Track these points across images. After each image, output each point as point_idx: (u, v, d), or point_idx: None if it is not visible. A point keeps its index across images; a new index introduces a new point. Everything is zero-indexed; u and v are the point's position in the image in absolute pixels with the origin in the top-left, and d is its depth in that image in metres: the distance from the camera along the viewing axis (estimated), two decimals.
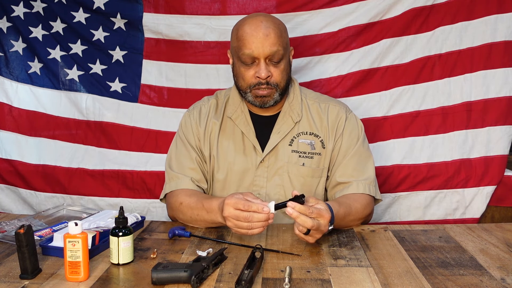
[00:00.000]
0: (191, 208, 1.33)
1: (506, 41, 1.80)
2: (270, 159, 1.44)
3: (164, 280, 0.97)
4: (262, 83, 1.36)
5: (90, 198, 1.96)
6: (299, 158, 1.44)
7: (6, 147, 1.97)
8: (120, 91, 1.98)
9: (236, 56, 1.39)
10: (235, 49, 1.38)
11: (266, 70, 1.34)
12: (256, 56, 1.33)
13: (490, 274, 1.03)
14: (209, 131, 1.48)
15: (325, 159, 1.46)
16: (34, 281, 1.00)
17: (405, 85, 1.88)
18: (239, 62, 1.38)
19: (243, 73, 1.38)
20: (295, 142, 1.45)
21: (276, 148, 1.45)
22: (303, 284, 0.97)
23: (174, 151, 1.50)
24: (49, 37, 1.96)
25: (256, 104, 1.41)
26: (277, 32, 1.34)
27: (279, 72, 1.37)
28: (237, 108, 1.48)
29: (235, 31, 1.40)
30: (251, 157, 1.45)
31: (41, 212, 1.49)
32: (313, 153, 1.45)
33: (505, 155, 1.85)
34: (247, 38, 1.33)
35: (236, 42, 1.37)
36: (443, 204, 1.88)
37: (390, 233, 1.30)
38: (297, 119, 1.45)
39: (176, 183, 1.43)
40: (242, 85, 1.40)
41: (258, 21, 1.34)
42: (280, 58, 1.35)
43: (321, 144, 1.45)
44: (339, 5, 1.87)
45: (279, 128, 1.45)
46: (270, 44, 1.32)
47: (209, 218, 1.29)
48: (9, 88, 1.97)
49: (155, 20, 1.92)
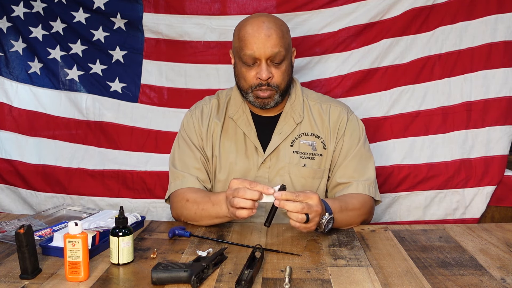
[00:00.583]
0: (197, 203, 1.33)
1: (506, 41, 1.80)
2: (272, 160, 1.45)
3: (164, 280, 0.97)
4: (263, 84, 1.36)
5: (90, 198, 1.96)
6: (300, 159, 1.44)
7: (6, 147, 1.97)
8: (120, 91, 1.98)
9: (237, 56, 1.39)
10: (237, 49, 1.38)
11: (267, 71, 1.34)
12: (257, 57, 1.33)
13: (490, 274, 1.03)
14: (211, 131, 1.48)
15: (326, 160, 1.46)
16: (34, 281, 1.00)
17: (405, 85, 1.88)
18: (241, 63, 1.38)
19: (244, 74, 1.38)
20: (297, 143, 1.45)
21: (277, 149, 1.45)
22: (303, 284, 0.97)
23: (177, 151, 1.50)
24: (49, 37, 1.96)
25: (257, 105, 1.41)
26: (279, 33, 1.34)
27: (280, 74, 1.37)
28: (238, 109, 1.48)
29: (237, 31, 1.39)
30: (253, 157, 1.45)
31: (41, 212, 1.49)
32: (315, 154, 1.45)
33: (505, 155, 1.85)
34: (249, 38, 1.33)
35: (237, 42, 1.37)
36: (443, 204, 1.88)
37: (390, 233, 1.30)
38: (298, 120, 1.45)
39: (181, 182, 1.42)
40: (243, 86, 1.40)
41: (260, 22, 1.34)
42: (281, 59, 1.35)
43: (322, 145, 1.46)
44: (339, 5, 1.87)
45: (281, 129, 1.45)
46: (272, 45, 1.32)
47: (214, 211, 1.29)
48: (9, 88, 1.97)
49: (155, 20, 1.92)
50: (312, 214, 1.15)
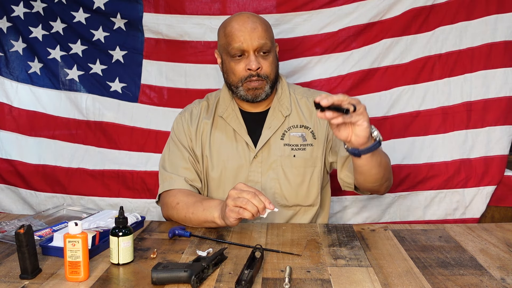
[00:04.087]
0: (188, 206, 1.34)
1: (506, 41, 1.80)
2: (263, 154, 1.46)
3: (164, 280, 0.97)
4: (253, 75, 1.40)
5: (90, 198, 1.97)
6: (291, 151, 1.46)
7: (6, 147, 1.97)
8: (120, 91, 1.98)
9: (225, 52, 1.43)
10: (224, 46, 1.42)
11: (256, 62, 1.38)
12: (245, 49, 1.38)
13: (490, 274, 1.03)
14: (201, 131, 1.51)
15: (318, 148, 1.47)
16: (34, 281, 1.00)
17: (405, 85, 1.88)
18: (229, 58, 1.42)
19: (233, 68, 1.41)
20: (287, 136, 1.47)
21: (268, 143, 1.47)
22: (303, 284, 0.97)
23: (167, 153, 1.53)
24: (49, 37, 1.96)
25: (248, 97, 1.44)
26: (263, 26, 1.41)
27: (269, 64, 1.41)
28: (227, 107, 1.51)
29: (222, 29, 1.45)
30: (244, 153, 1.47)
31: (41, 212, 1.49)
32: (305, 144, 1.47)
33: (505, 155, 1.85)
34: (236, 32, 1.38)
35: (224, 39, 1.42)
36: (443, 204, 1.88)
37: (390, 233, 1.30)
38: (286, 113, 1.48)
39: (169, 183, 1.44)
40: (233, 80, 1.43)
41: (245, 17, 1.41)
42: (268, 49, 1.40)
43: (312, 135, 1.48)
44: (339, 5, 1.87)
45: (270, 123, 1.48)
46: (258, 36, 1.38)
47: (203, 215, 1.29)
48: (9, 88, 1.97)
49: (155, 20, 1.92)
50: (360, 107, 1.09)
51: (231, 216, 1.18)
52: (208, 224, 1.31)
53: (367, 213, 1.93)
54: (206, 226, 1.33)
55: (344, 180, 1.46)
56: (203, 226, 1.33)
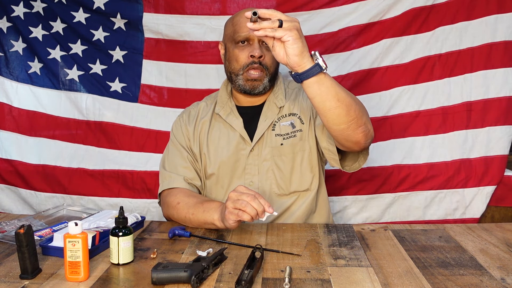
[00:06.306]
0: (188, 207, 1.35)
1: (506, 41, 1.80)
2: (259, 147, 1.48)
3: (164, 280, 0.97)
4: (255, 62, 1.41)
5: (90, 198, 1.96)
6: (283, 140, 1.48)
7: (6, 147, 1.97)
8: (120, 91, 1.98)
9: (230, 40, 1.46)
10: (230, 34, 1.45)
11: (260, 50, 1.41)
12: (251, 37, 1.41)
13: (490, 274, 1.03)
14: (199, 130, 1.53)
15: (306, 132, 1.47)
16: (34, 281, 1.00)
17: (405, 85, 1.88)
18: (233, 45, 1.44)
19: (237, 55, 1.44)
20: (277, 126, 1.48)
21: (263, 136, 1.48)
22: (303, 284, 0.97)
23: (167, 154, 1.55)
24: (49, 37, 1.96)
25: (246, 88, 1.45)
26: None
27: (271, 56, 1.43)
28: (224, 105, 1.53)
29: (231, 20, 1.49)
30: (241, 147, 1.48)
31: (41, 212, 1.49)
32: (295, 131, 1.48)
33: (505, 155, 1.85)
34: (243, 21, 1.41)
35: (232, 27, 1.45)
36: (443, 204, 1.88)
37: (390, 233, 1.30)
38: (281, 104, 1.50)
39: (168, 182, 1.46)
40: (235, 68, 1.45)
41: None
42: None
43: (299, 121, 1.49)
44: (339, 5, 1.87)
45: (266, 117, 1.49)
46: None
47: (203, 217, 1.30)
48: (9, 88, 1.97)
49: (155, 20, 1.92)
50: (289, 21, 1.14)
51: (230, 218, 1.18)
52: (208, 226, 1.31)
53: (367, 213, 1.93)
54: (206, 227, 1.33)
55: (328, 149, 1.40)
56: (203, 227, 1.34)
